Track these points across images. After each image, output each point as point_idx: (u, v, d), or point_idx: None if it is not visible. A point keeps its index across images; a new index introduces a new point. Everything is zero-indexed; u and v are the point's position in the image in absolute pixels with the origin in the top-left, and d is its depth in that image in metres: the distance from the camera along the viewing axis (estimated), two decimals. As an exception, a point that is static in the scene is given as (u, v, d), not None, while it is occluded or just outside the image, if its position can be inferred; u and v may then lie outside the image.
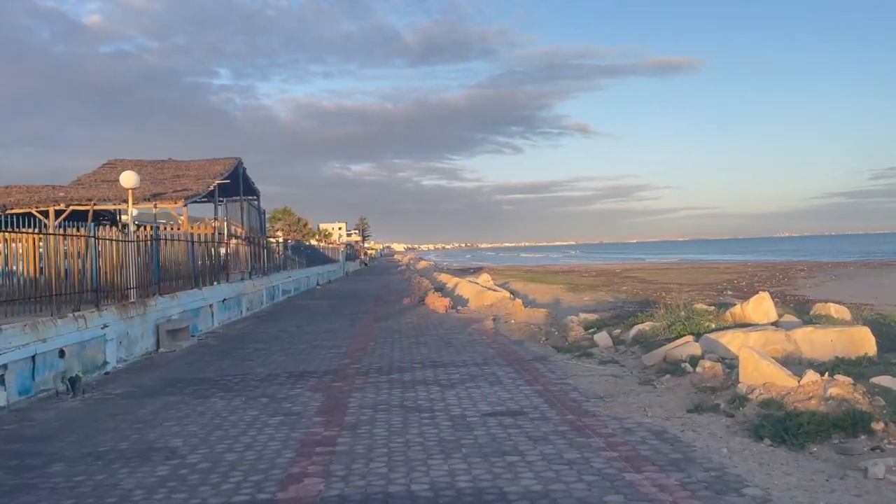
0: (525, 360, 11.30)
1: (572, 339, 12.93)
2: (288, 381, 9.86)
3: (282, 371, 10.78)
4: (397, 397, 8.61)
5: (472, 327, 16.30)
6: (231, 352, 13.28)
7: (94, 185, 19.78)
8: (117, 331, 12.03)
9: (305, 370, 10.80)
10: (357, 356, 12.13)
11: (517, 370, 10.31)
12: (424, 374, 10.25)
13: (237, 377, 10.34)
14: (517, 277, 56.78)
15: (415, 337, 14.73)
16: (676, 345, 10.25)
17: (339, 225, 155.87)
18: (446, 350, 12.65)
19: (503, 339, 14.14)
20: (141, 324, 13.16)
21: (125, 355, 12.37)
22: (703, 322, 11.34)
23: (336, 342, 14.20)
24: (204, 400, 8.76)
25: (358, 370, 10.67)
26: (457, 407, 8.01)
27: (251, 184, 25.50)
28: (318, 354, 12.48)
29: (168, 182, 20.22)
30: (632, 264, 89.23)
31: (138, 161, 23.08)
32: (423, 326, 16.80)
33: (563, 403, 8.03)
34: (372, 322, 18.17)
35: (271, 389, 9.30)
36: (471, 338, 14.39)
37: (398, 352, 12.58)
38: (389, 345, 13.56)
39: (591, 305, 31.40)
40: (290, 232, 73.67)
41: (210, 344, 14.71)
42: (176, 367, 11.72)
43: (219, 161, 22.81)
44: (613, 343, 11.84)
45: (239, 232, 23.11)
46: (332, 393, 8.97)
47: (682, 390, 8.50)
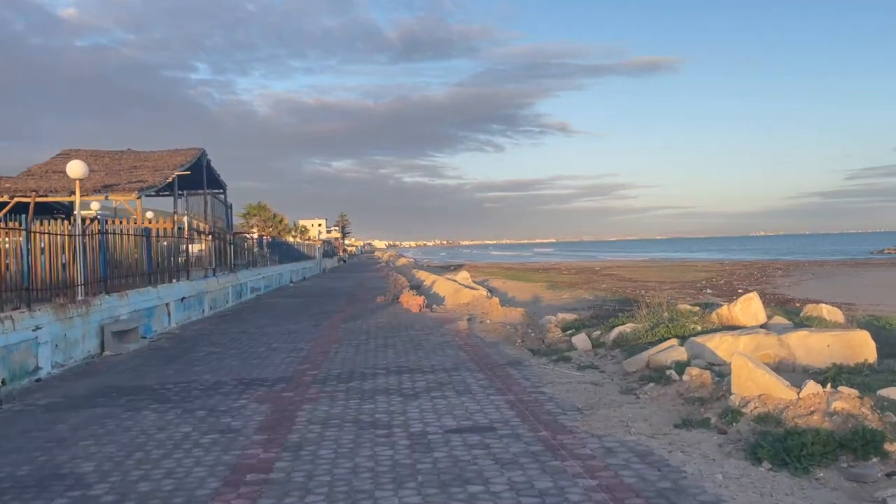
0: (498, 364, 10.44)
1: (550, 341, 12.10)
2: (234, 391, 8.91)
3: (230, 378, 9.81)
4: (353, 410, 7.70)
5: (446, 327, 15.43)
6: (181, 356, 12.27)
7: (44, 175, 18.59)
8: (53, 333, 10.98)
9: (257, 377, 9.84)
10: (317, 361, 11.19)
11: (489, 377, 9.45)
12: (388, 381, 9.34)
13: (179, 385, 9.36)
14: (497, 275, 56.06)
15: (383, 339, 13.81)
16: (660, 349, 9.46)
17: (320, 221, 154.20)
18: (415, 353, 11.76)
19: (477, 340, 13.28)
20: (82, 325, 12.10)
21: (63, 360, 11.33)
22: (688, 324, 10.57)
23: (297, 345, 13.24)
24: (134, 413, 7.78)
25: (315, 377, 9.74)
26: (418, 422, 7.12)
27: (217, 176, 24.38)
28: (274, 359, 11.52)
29: (124, 173, 19.08)
30: (611, 262, 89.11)
31: (95, 151, 21.87)
32: (394, 327, 15.89)
33: (536, 417, 7.18)
34: (339, 322, 17.22)
35: (213, 400, 8.34)
36: (443, 339, 13.52)
37: (362, 356, 11.66)
38: (354, 348, 12.64)
39: (571, 304, 30.77)
40: (266, 228, 72.27)
41: (161, 346, 13.68)
42: (116, 372, 10.70)
43: (180, 152, 21.67)
44: (593, 346, 11.03)
45: (202, 227, 22.00)
46: (280, 405, 8.04)
47: (668, 401, 7.69)
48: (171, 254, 18.49)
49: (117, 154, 21.99)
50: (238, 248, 29.39)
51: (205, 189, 22.98)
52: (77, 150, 21.65)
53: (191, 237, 20.49)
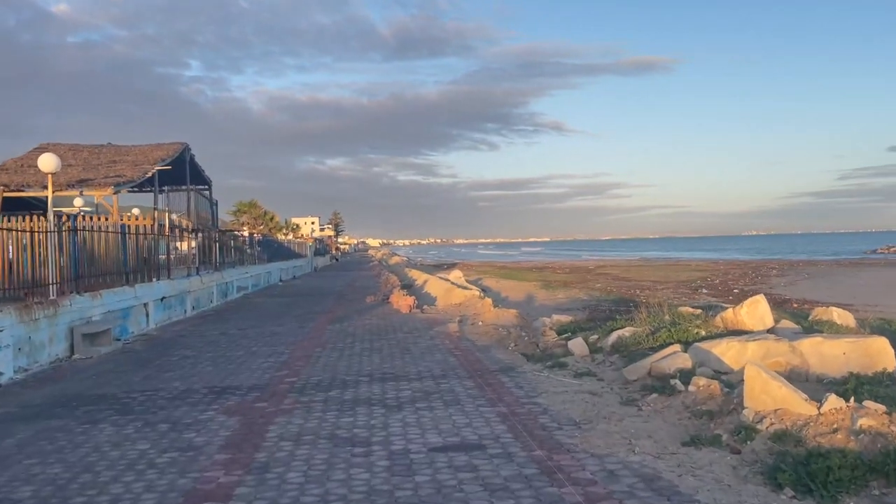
0: (490, 371, 9.81)
1: (544, 345, 11.47)
2: (204, 400, 8.24)
3: (202, 386, 9.14)
4: (330, 424, 7.04)
5: (436, 330, 14.78)
6: (153, 360, 11.58)
7: (19, 170, 17.84)
8: (16, 336, 10.28)
9: (230, 385, 9.17)
10: (297, 367, 10.53)
11: (479, 385, 8.81)
12: (371, 390, 8.69)
13: (145, 394, 8.68)
14: (490, 274, 55.42)
15: (369, 342, 13.16)
16: (662, 355, 8.84)
17: (313, 219, 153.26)
18: (402, 358, 11.11)
19: (468, 344, 12.64)
20: (49, 327, 11.40)
21: (27, 364, 10.62)
22: (692, 328, 9.96)
23: (278, 348, 12.57)
24: (90, 427, 7.10)
25: (292, 385, 9.08)
26: (400, 438, 6.48)
27: (201, 172, 23.64)
28: (252, 364, 10.85)
29: (102, 168, 18.34)
30: (605, 261, 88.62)
31: (74, 146, 21.11)
32: (382, 329, 15.24)
33: (530, 432, 6.54)
34: (326, 324, 16.54)
35: (178, 412, 7.67)
36: (432, 343, 12.87)
37: (346, 361, 11.00)
38: (338, 352, 11.97)
39: (566, 304, 30.13)
40: (257, 225, 71.47)
41: (135, 350, 12.98)
42: (81, 378, 10.01)
43: (161, 146, 20.93)
44: (590, 351, 10.40)
45: (185, 224, 21.27)
46: (251, 417, 7.37)
47: (674, 414, 7.06)
48: (150, 252, 17.76)
49: (97, 148, 21.22)
50: (224, 245, 28.68)
51: (188, 185, 22.23)
52: (55, 144, 20.88)
53: (172, 234, 19.76)
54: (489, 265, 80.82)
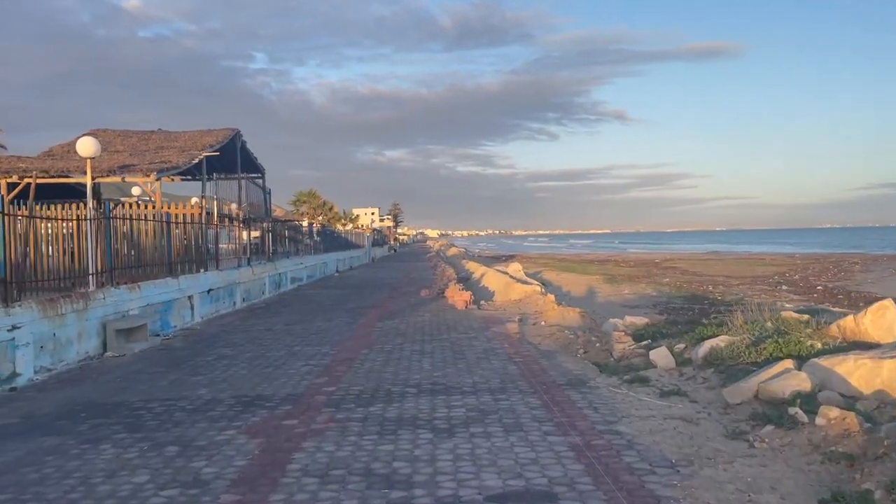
0: (556, 384, 8.42)
1: (620, 353, 9.99)
2: (226, 415, 7.15)
3: (229, 395, 8.07)
4: (366, 453, 5.82)
5: (493, 330, 13.46)
6: (187, 360, 10.64)
7: (64, 156, 17.40)
8: (37, 333, 9.47)
9: (261, 395, 8.08)
10: (338, 372, 9.38)
11: (545, 403, 7.45)
12: (418, 405, 7.44)
13: (165, 404, 7.66)
14: (550, 267, 53.67)
15: (420, 343, 11.94)
16: (771, 374, 7.27)
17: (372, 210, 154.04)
18: (455, 365, 9.83)
19: (529, 348, 11.28)
20: (77, 322, 10.60)
21: (50, 363, 9.82)
22: (803, 339, 8.30)
23: (322, 348, 11.48)
24: (90, 447, 6.08)
25: (330, 396, 7.91)
26: (450, 478, 5.19)
27: (253, 159, 22.89)
28: (290, 368, 9.77)
29: (149, 154, 17.71)
30: (671, 254, 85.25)
31: (123, 131, 20.66)
32: (435, 328, 14.01)
33: (614, 476, 5.16)
34: (376, 320, 15.43)
35: (194, 430, 6.58)
36: (489, 345, 11.56)
37: (393, 366, 9.80)
38: (385, 355, 10.79)
39: (633, 300, 28.31)
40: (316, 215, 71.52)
41: (172, 347, 12.12)
42: (104, 381, 9.11)
43: (211, 132, 20.22)
44: (676, 363, 8.87)
45: (236, 213, 20.54)
46: (275, 440, 6.22)
47: (799, 456, 5.55)
48: (197, 241, 17.02)
49: (146, 134, 20.71)
50: (278, 235, 28.02)
51: (239, 172, 21.49)
52: (104, 130, 20.47)
53: (221, 224, 19.02)
54: (549, 257, 78.89)
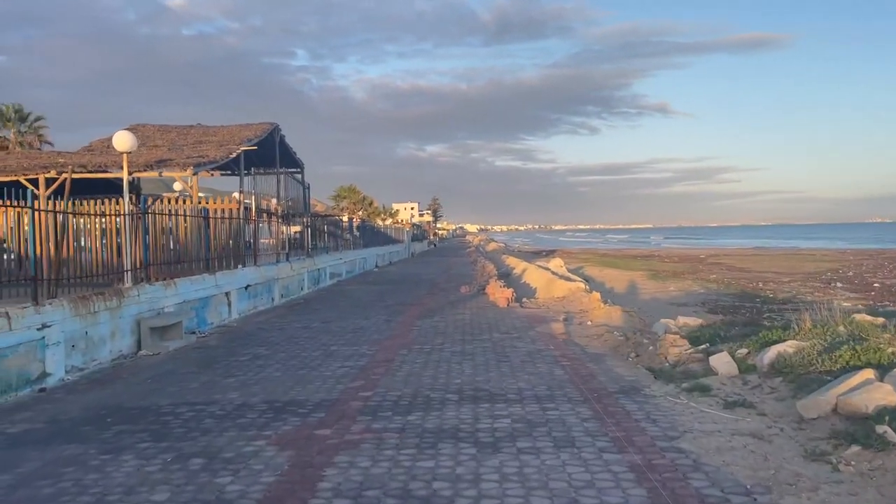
0: (608, 392, 7.82)
1: (674, 357, 9.31)
2: (257, 422, 6.74)
3: (261, 399, 7.68)
4: (403, 471, 5.32)
5: (538, 329, 12.87)
6: (221, 359, 10.33)
7: (104, 151, 17.37)
8: (69, 331, 9.24)
9: (294, 399, 7.66)
10: (375, 375, 8.93)
11: (597, 414, 6.86)
12: (459, 415, 6.93)
13: (194, 409, 7.30)
14: (592, 262, 52.55)
15: (461, 344, 11.43)
16: (850, 385, 6.54)
17: (412, 205, 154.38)
18: (498, 368, 9.30)
19: (576, 350, 10.67)
20: (111, 320, 10.37)
21: (82, 363, 9.60)
22: (883, 346, 7.52)
23: (360, 348, 11.06)
24: (111, 458, 5.72)
25: (365, 403, 7.45)
26: (496, 503, 4.67)
27: (292, 154, 22.66)
28: (325, 369, 9.35)
29: (187, 148, 17.55)
30: (716, 250, 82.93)
31: (163, 126, 20.61)
32: (476, 327, 13.48)
33: (682, 505, 4.56)
34: (415, 318, 14.97)
35: (222, 439, 6.19)
36: (534, 347, 10.99)
37: (432, 369, 9.30)
38: (424, 356, 10.31)
39: (680, 297, 27.30)
40: (356, 210, 71.62)
41: (207, 345, 11.85)
42: (135, 382, 8.83)
43: (250, 126, 20.01)
44: (739, 370, 8.17)
45: (274, 208, 20.31)
46: (306, 453, 5.77)
47: (893, 483, 4.86)
48: (234, 237, 16.80)
49: (185, 129, 20.63)
50: (317, 230, 27.83)
51: (277, 167, 21.26)
52: (144, 125, 20.46)
53: (260, 219, 18.79)
54: (590, 252, 77.45)
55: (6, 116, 41.11)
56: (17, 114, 41.78)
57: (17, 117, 41.54)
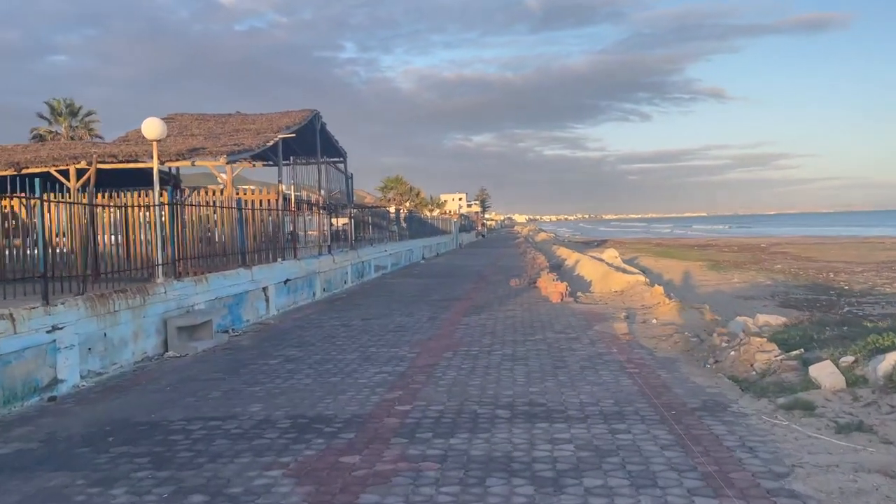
0: (689, 408, 6.62)
1: (763, 364, 8.00)
2: (275, 445, 5.79)
3: (285, 414, 6.74)
4: (443, 517, 4.28)
5: (596, 329, 11.68)
6: (250, 362, 9.47)
7: (139, 141, 16.81)
8: (84, 333, 8.50)
9: (321, 414, 6.70)
10: (415, 384, 7.91)
11: (680, 439, 5.68)
12: (512, 438, 5.84)
13: (209, 425, 6.40)
14: (646, 252, 50.66)
15: (512, 345, 10.33)
16: None
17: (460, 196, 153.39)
18: (555, 376, 8.16)
19: (643, 354, 9.45)
20: (133, 320, 9.62)
21: (100, 367, 8.86)
22: None
23: (399, 350, 10.07)
24: (98, 492, 4.83)
25: (403, 419, 6.44)
26: (563, 573, 3.57)
27: (334, 143, 21.85)
28: (360, 376, 8.38)
29: (224, 137, 16.86)
30: (777, 238, 79.46)
31: (200, 115, 20.03)
32: (528, 325, 12.36)
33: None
34: (461, 315, 13.92)
35: (233, 467, 5.25)
36: (594, 350, 9.81)
37: (479, 376, 8.23)
38: (472, 360, 9.25)
39: (745, 289, 25.61)
40: (403, 201, 71.01)
41: (239, 345, 11.04)
42: (151, 391, 8.02)
43: (289, 114, 19.24)
44: (847, 383, 6.85)
45: (315, 199, 19.53)
46: (327, 489, 4.78)
47: None
48: (273, 229, 16.03)
49: (223, 117, 20.00)
50: (361, 222, 27.04)
51: (318, 156, 20.45)
52: (182, 115, 19.93)
53: (300, 210, 18.00)
54: (644, 242, 75.19)
55: (57, 111, 41.67)
56: (69, 108, 42.32)
57: (67, 112, 42.08)
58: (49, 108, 42.29)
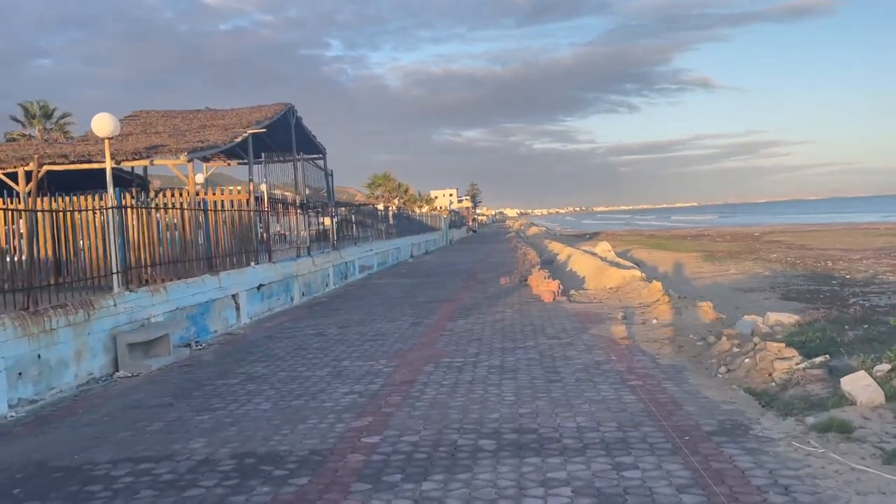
0: (704, 432, 5.66)
1: (783, 374, 7.04)
2: (208, 499, 4.77)
3: (230, 452, 5.72)
4: None
5: (592, 332, 10.72)
6: (206, 383, 8.45)
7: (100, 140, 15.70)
8: (11, 357, 7.46)
9: (273, 451, 5.69)
10: (388, 407, 6.91)
11: (697, 475, 4.72)
12: (496, 478, 4.86)
13: (137, 469, 5.38)
14: (639, 244, 49.79)
15: (500, 354, 9.35)
16: None
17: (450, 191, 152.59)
18: (548, 392, 7.19)
19: (646, 361, 8.50)
20: (74, 337, 8.58)
21: (35, 393, 7.83)
22: None
23: (376, 364, 9.07)
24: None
25: (368, 456, 5.44)
26: None
27: (311, 138, 20.80)
28: (327, 398, 7.37)
29: (190, 134, 15.79)
30: (770, 227, 78.79)
31: (167, 112, 18.94)
32: (518, 329, 11.39)
33: None
34: (447, 319, 12.94)
35: (147, 535, 4.25)
36: (590, 357, 8.85)
37: (462, 395, 7.24)
38: (454, 374, 8.26)
39: (743, 281, 24.67)
40: (391, 198, 69.93)
41: (200, 361, 10.01)
42: (83, 423, 6.98)
43: (261, 108, 18.18)
44: (886, 396, 5.90)
45: (291, 198, 18.47)
46: (260, 566, 3.79)
47: None
48: (244, 232, 14.99)
49: (191, 113, 18.91)
50: (344, 220, 26.00)
51: (294, 153, 19.39)
52: (147, 111, 18.83)
53: (273, 210, 16.95)
54: (636, 234, 74.40)
55: (31, 113, 40.38)
56: (43, 110, 41.06)
57: (42, 114, 40.81)
58: (23, 110, 41.05)
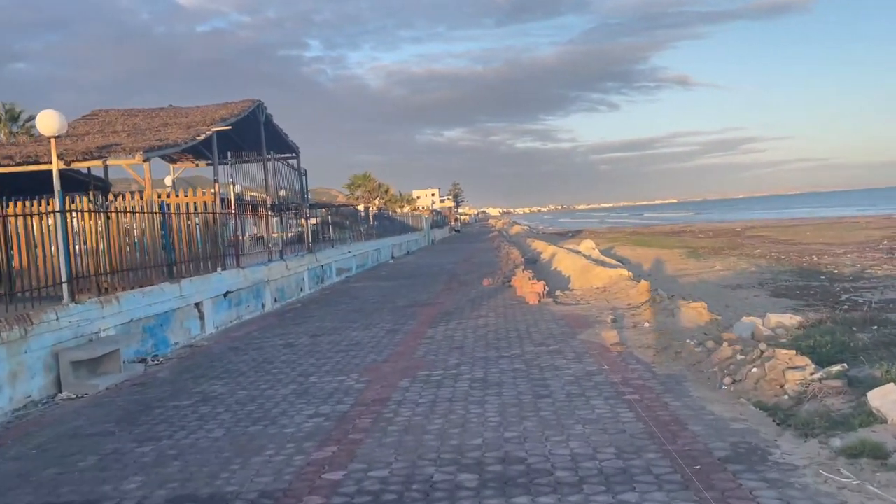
0: (716, 460, 4.93)
1: (796, 386, 6.34)
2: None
3: (165, 497, 4.89)
4: None
5: (582, 338, 9.99)
6: (155, 405, 7.59)
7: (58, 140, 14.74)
8: (-71, 382, 6.56)
9: (218, 493, 4.87)
10: (356, 432, 6.11)
11: (717, 518, 3.98)
12: (478, 524, 4.09)
13: (51, 523, 4.55)
14: (622, 241, 49.32)
15: (483, 365, 8.58)
16: None
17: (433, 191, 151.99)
18: (536, 411, 6.43)
19: (641, 371, 7.77)
20: (7, 357, 7.68)
21: (-43, 422, 6.92)
22: None
23: (346, 379, 8.26)
24: None
25: (328, 500, 4.64)
26: None
27: (284, 137, 19.90)
28: (287, 423, 6.55)
29: (150, 132, 14.85)
30: (751, 222, 78.92)
31: (128, 110, 17.95)
32: (503, 336, 10.63)
33: None
34: (427, 325, 12.15)
35: None
36: (581, 367, 8.11)
37: (441, 415, 6.46)
38: (433, 390, 7.47)
39: (730, 277, 24.12)
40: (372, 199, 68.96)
41: (155, 378, 9.13)
42: (8, 458, 6.10)
43: (227, 105, 17.28)
44: (918, 414, 5.20)
45: (261, 199, 17.57)
46: None
47: None
48: (209, 236, 14.09)
49: (154, 112, 17.94)
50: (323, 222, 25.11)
51: (264, 152, 18.49)
52: (107, 110, 17.83)
53: (241, 212, 16.05)
54: (618, 231, 74.06)
55: (-5, 117, 38.96)
56: (9, 113, 39.65)
57: (8, 116, 39.41)
58: (-12, 113, 39.58)
